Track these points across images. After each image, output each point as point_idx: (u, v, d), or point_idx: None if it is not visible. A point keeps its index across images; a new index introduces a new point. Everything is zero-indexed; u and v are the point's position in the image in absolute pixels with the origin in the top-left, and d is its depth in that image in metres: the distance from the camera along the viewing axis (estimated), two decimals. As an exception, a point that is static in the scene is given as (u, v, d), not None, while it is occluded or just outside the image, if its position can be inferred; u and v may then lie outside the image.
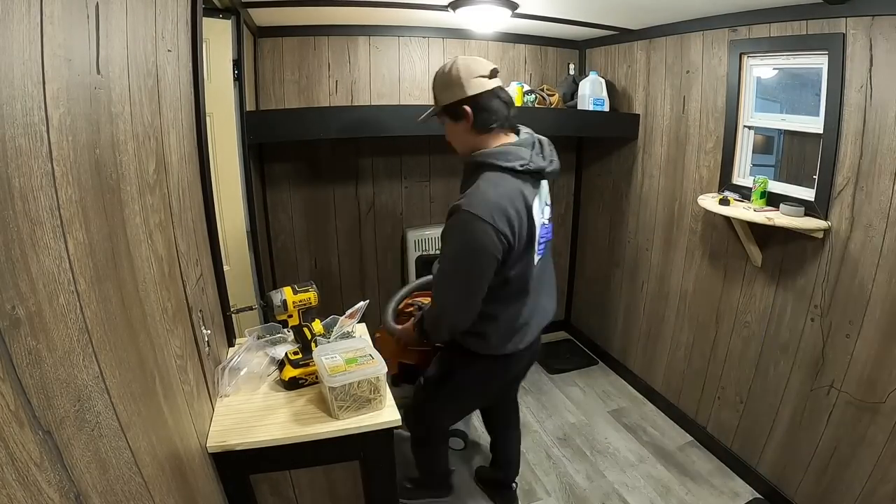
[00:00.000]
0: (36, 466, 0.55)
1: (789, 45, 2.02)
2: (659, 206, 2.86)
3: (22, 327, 0.55)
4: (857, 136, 1.79)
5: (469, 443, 2.66)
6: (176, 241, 1.17)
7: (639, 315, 3.12)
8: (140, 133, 0.98)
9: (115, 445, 0.75)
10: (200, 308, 1.34)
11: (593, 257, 3.57)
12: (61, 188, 0.66)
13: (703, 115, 2.48)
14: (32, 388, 0.56)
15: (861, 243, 1.81)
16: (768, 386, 2.24)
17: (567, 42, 3.29)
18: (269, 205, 2.97)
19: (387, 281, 3.37)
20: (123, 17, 0.91)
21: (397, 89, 3.03)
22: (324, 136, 2.50)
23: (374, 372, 1.37)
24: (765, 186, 2.10)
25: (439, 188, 3.30)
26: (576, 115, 2.94)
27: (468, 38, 3.07)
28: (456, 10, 2.34)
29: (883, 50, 1.68)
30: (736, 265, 2.37)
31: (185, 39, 1.34)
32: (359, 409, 1.38)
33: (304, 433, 1.33)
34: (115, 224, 0.84)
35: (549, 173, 1.53)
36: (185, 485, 1.06)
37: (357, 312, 1.78)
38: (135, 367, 0.86)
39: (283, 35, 2.75)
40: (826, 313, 1.96)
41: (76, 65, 0.72)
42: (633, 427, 2.82)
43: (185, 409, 1.13)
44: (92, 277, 0.73)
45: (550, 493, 2.35)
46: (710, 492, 2.33)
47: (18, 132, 0.57)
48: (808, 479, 2.06)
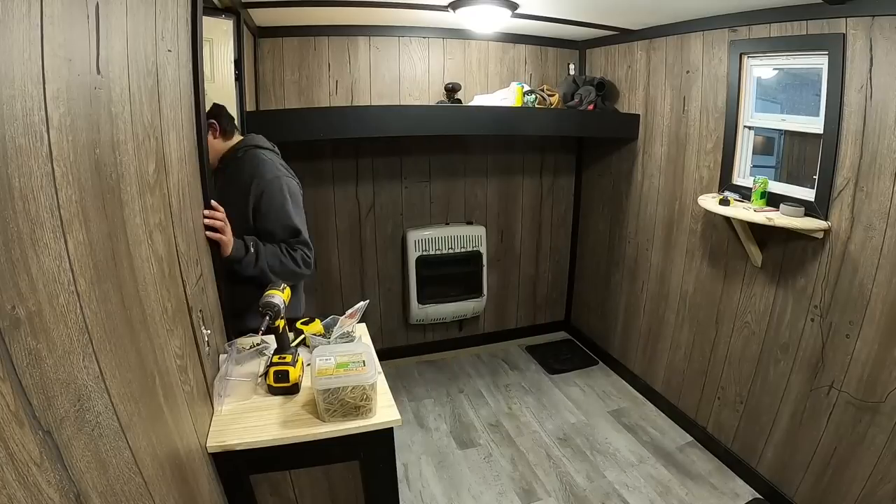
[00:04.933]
0: (36, 466, 0.55)
1: (789, 45, 2.02)
2: (659, 206, 2.86)
3: (22, 327, 0.55)
4: (857, 137, 1.79)
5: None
6: (176, 241, 1.17)
7: (639, 315, 3.12)
8: (140, 133, 0.98)
9: (115, 445, 0.75)
10: (200, 308, 1.34)
11: (593, 257, 3.57)
12: (61, 188, 0.66)
13: (704, 115, 2.48)
14: (32, 388, 0.56)
15: (861, 243, 1.81)
16: (768, 386, 2.24)
17: (567, 42, 3.29)
18: (269, 205, 2.96)
19: (387, 281, 3.38)
20: (123, 17, 0.91)
21: (397, 89, 3.04)
22: (324, 136, 2.50)
23: (361, 380, 1.34)
24: (765, 187, 2.10)
25: (439, 188, 3.30)
26: (576, 115, 2.94)
27: (468, 39, 3.07)
28: (456, 10, 2.34)
29: (883, 50, 1.68)
30: (736, 265, 2.37)
31: (185, 39, 1.34)
32: (345, 416, 1.37)
33: (304, 433, 1.33)
34: (115, 224, 0.84)
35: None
36: (185, 485, 1.06)
37: (357, 312, 1.77)
38: (135, 367, 0.86)
39: (283, 35, 2.75)
40: (826, 313, 1.96)
41: (76, 65, 0.72)
42: (633, 427, 2.82)
43: (185, 409, 1.13)
44: (92, 277, 0.73)
45: (550, 493, 2.35)
46: (710, 492, 2.33)
47: (18, 132, 0.57)
48: (808, 479, 2.06)
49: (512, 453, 2.62)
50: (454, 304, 3.38)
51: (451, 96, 2.97)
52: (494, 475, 2.47)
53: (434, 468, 2.52)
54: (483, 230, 3.36)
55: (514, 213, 3.55)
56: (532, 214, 3.60)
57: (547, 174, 3.56)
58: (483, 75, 3.18)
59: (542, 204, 3.61)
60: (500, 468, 2.52)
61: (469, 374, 3.40)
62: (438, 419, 2.91)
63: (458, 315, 3.44)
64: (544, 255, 3.74)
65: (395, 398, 1.48)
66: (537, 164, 3.51)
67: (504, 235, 3.57)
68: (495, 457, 2.60)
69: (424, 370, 3.46)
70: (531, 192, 3.55)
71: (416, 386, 3.27)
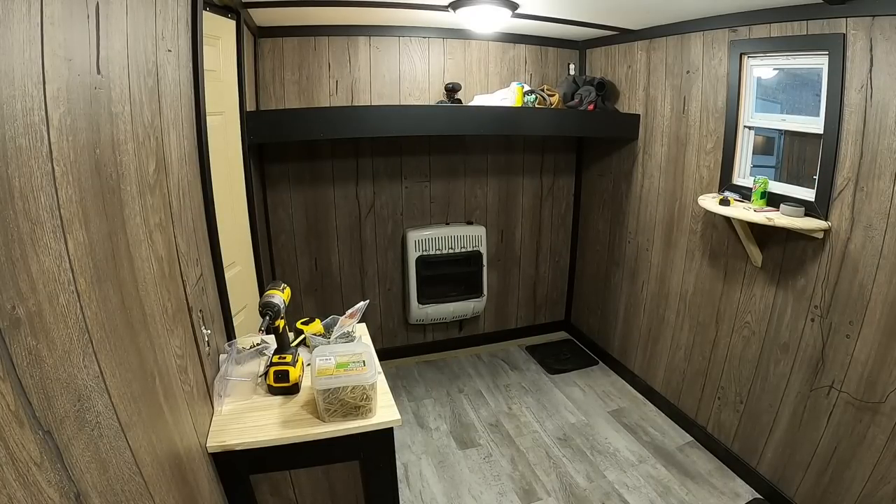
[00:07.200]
0: (36, 466, 0.55)
1: (789, 45, 2.02)
2: (659, 206, 2.86)
3: (22, 327, 0.55)
4: (857, 137, 1.79)
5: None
6: (176, 241, 1.17)
7: (639, 315, 3.12)
8: (140, 133, 0.98)
9: (115, 445, 0.75)
10: (200, 308, 1.34)
11: (593, 257, 3.57)
12: (61, 188, 0.66)
13: (704, 115, 2.48)
14: (32, 388, 0.56)
15: (861, 243, 1.81)
16: (768, 386, 2.24)
17: (567, 42, 3.29)
18: (270, 205, 2.97)
19: (387, 281, 3.38)
20: (123, 17, 0.91)
21: (397, 89, 3.03)
22: (324, 136, 2.50)
23: (361, 380, 1.34)
24: (765, 187, 2.10)
25: (439, 188, 3.30)
26: (576, 115, 2.94)
27: (468, 39, 3.07)
28: (456, 10, 2.34)
29: (883, 50, 1.68)
30: (736, 265, 2.37)
31: (185, 39, 1.34)
32: (346, 416, 1.37)
33: (304, 433, 1.33)
34: (115, 224, 0.84)
35: None
36: (185, 484, 1.06)
37: (357, 312, 1.77)
38: (135, 367, 0.86)
39: (283, 35, 2.75)
40: (826, 313, 1.96)
41: (76, 65, 0.72)
42: (633, 427, 2.82)
43: (185, 408, 1.13)
44: (92, 277, 0.73)
45: (550, 493, 2.35)
46: (710, 492, 2.33)
47: (19, 132, 0.57)
48: (808, 479, 2.06)
49: (512, 453, 2.62)
50: (454, 304, 3.38)
51: (451, 96, 2.97)
52: (494, 475, 2.47)
53: (434, 468, 2.52)
54: (483, 230, 3.36)
55: (514, 213, 3.55)
56: (532, 214, 3.60)
57: (547, 174, 3.56)
58: (483, 75, 3.18)
59: (542, 204, 3.61)
60: (500, 468, 2.52)
61: (469, 374, 3.40)
62: (438, 419, 2.91)
63: (458, 315, 3.44)
64: (544, 255, 3.74)
65: (395, 398, 1.48)
66: (537, 164, 3.51)
67: (504, 235, 3.57)
68: (495, 457, 2.60)
69: (424, 370, 3.46)
70: (531, 192, 3.55)
71: (416, 386, 3.27)
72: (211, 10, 1.80)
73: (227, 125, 2.04)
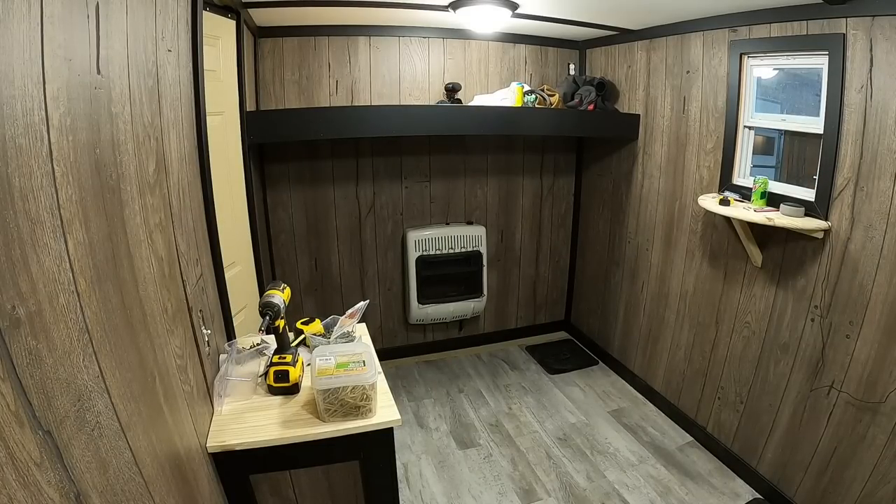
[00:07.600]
0: (36, 466, 0.55)
1: (789, 45, 2.02)
2: (659, 206, 2.86)
3: (22, 327, 0.55)
4: (857, 137, 1.79)
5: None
6: (176, 241, 1.17)
7: (639, 315, 3.12)
8: (140, 133, 0.98)
9: (115, 445, 0.75)
10: (200, 308, 1.34)
11: (593, 257, 3.57)
12: (61, 188, 0.66)
13: (704, 115, 2.48)
14: (32, 388, 0.56)
15: (861, 243, 1.81)
16: (768, 386, 2.24)
17: (567, 42, 3.29)
18: (270, 204, 2.97)
19: (387, 281, 3.38)
20: (123, 17, 0.91)
21: (397, 89, 3.03)
22: (324, 136, 2.51)
23: (361, 380, 1.34)
24: (765, 187, 2.10)
25: (439, 188, 3.30)
26: (576, 115, 2.94)
27: (468, 39, 3.07)
28: (456, 10, 2.34)
29: (883, 50, 1.68)
30: (736, 265, 2.37)
31: (185, 39, 1.34)
32: (346, 416, 1.37)
33: (304, 433, 1.33)
34: (115, 224, 0.84)
35: None
36: (185, 485, 1.06)
37: (357, 312, 1.77)
38: (135, 367, 0.86)
39: (283, 35, 2.75)
40: (826, 313, 1.96)
41: (76, 65, 0.72)
42: (633, 427, 2.82)
43: (185, 408, 1.13)
44: (92, 277, 0.73)
45: (550, 493, 2.35)
46: (710, 492, 2.33)
47: (19, 132, 0.57)
48: (808, 479, 2.06)
49: (512, 453, 2.62)
50: (454, 304, 3.38)
51: (452, 96, 2.97)
52: (494, 475, 2.47)
53: (434, 468, 2.52)
54: (483, 230, 3.36)
55: (514, 213, 3.55)
56: (532, 214, 3.60)
57: (547, 174, 3.56)
58: (483, 75, 3.18)
59: (542, 204, 3.61)
60: (500, 468, 2.52)
61: (469, 374, 3.40)
62: (438, 419, 2.91)
63: (458, 315, 3.44)
64: (544, 255, 3.74)
65: (395, 398, 1.48)
66: (537, 164, 3.51)
67: (504, 235, 3.57)
68: (495, 457, 2.60)
69: (424, 370, 3.46)
70: (531, 192, 3.55)
71: (416, 386, 3.27)
72: (211, 10, 1.80)
73: (227, 125, 2.05)
